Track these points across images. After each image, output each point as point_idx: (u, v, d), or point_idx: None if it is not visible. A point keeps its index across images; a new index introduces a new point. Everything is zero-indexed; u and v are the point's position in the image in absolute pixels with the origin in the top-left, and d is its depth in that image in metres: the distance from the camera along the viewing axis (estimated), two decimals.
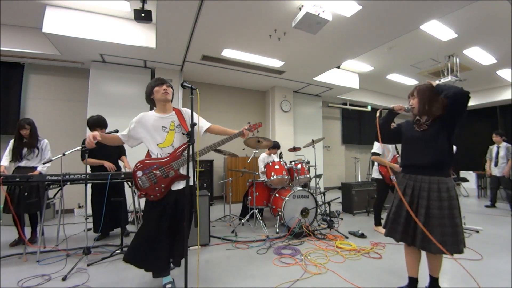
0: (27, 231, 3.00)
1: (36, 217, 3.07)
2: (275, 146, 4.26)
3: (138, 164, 1.84)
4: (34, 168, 2.96)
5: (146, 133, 1.89)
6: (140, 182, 1.81)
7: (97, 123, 3.10)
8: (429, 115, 1.70)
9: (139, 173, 1.81)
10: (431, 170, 1.67)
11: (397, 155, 3.60)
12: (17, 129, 2.99)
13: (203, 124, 2.05)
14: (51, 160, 2.78)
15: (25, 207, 2.77)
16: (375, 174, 3.59)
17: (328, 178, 7.70)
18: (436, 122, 1.68)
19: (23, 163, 2.95)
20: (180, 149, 1.86)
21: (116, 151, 3.30)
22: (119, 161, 3.37)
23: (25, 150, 2.97)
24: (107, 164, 3.12)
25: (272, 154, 4.31)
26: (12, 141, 3.00)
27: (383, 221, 2.26)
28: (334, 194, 5.09)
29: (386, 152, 3.52)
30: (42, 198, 2.65)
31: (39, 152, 3.03)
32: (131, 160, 3.24)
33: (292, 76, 5.81)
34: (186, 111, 2.00)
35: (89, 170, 2.99)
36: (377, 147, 3.49)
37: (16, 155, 2.94)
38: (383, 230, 1.84)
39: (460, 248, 1.56)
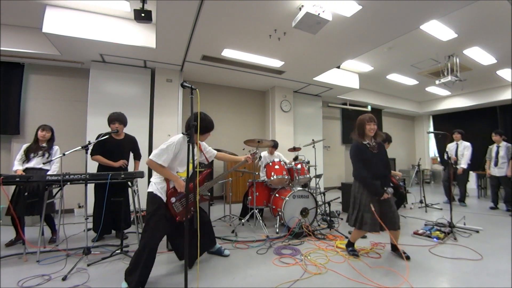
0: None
1: (51, 217, 3.10)
2: (275, 145, 4.30)
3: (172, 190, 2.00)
4: (43, 169, 2.99)
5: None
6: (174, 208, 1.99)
7: (120, 118, 3.15)
8: None
9: (173, 199, 1.98)
10: None
11: None
12: (36, 132, 3.06)
13: (211, 152, 2.49)
14: (51, 160, 2.78)
15: (34, 208, 2.76)
16: None
17: (328, 178, 7.70)
18: None
19: (31, 164, 2.98)
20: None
21: (129, 153, 3.33)
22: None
23: (38, 152, 3.02)
24: (117, 164, 3.10)
25: (274, 153, 4.33)
26: (25, 145, 3.05)
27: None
28: (334, 194, 5.09)
29: None
30: (46, 198, 2.65)
31: (50, 156, 3.08)
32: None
33: (292, 76, 5.81)
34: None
35: (94, 167, 3.02)
36: None
37: (27, 156, 2.98)
38: None
39: None
